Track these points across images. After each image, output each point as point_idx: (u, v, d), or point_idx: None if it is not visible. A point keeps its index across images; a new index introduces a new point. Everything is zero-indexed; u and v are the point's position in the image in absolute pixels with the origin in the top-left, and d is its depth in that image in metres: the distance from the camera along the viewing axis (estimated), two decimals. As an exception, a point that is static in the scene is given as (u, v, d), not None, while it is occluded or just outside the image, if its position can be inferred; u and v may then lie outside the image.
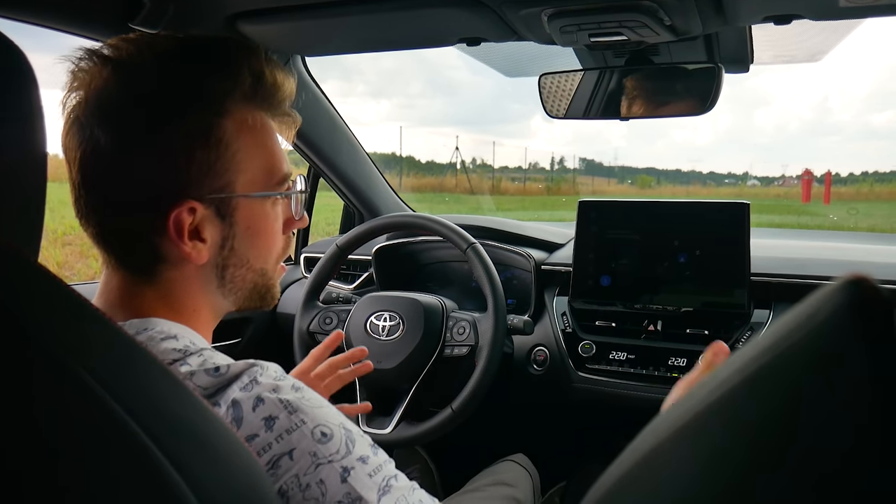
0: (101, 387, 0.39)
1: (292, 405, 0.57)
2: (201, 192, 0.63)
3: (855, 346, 0.25)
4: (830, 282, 0.27)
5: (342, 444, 0.58)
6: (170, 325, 0.63)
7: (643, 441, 0.33)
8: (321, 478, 0.55)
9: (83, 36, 1.11)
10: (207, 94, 0.63)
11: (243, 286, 0.70)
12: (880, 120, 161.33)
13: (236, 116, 0.65)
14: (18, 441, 0.36)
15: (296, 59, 1.52)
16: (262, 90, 0.67)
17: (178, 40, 0.65)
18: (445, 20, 1.13)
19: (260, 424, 0.56)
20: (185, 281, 0.66)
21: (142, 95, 0.61)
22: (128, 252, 0.64)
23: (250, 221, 0.67)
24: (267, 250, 0.70)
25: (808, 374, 0.26)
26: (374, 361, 1.33)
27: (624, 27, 1.03)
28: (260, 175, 0.67)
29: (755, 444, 0.27)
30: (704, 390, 0.31)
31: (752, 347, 0.30)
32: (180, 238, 0.63)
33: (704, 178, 29.81)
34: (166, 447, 0.40)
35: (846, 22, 1.07)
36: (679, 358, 1.35)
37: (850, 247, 1.64)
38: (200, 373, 0.58)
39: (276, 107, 0.70)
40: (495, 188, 18.32)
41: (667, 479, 0.30)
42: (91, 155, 0.61)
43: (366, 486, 0.57)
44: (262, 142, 0.68)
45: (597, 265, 1.47)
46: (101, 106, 0.61)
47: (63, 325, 0.41)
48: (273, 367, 0.62)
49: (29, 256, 0.42)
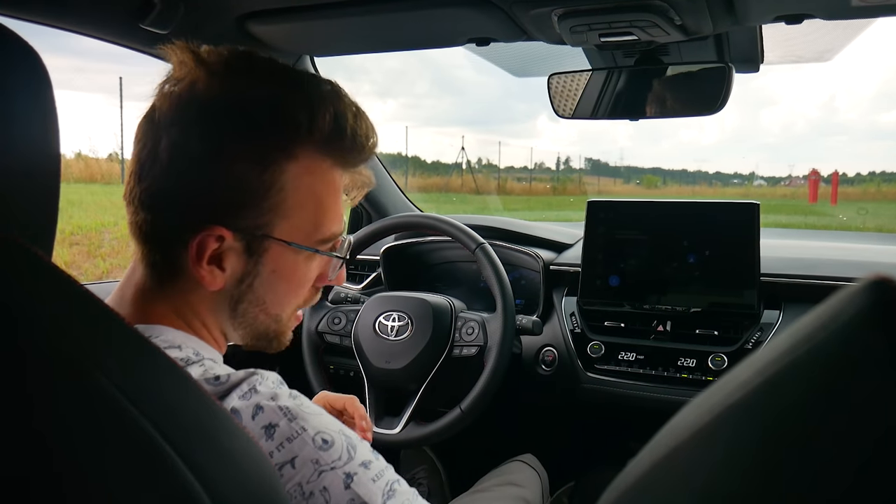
0: (115, 386, 0.39)
1: (291, 412, 0.57)
2: (236, 223, 0.61)
3: (879, 347, 0.25)
4: (843, 282, 0.27)
5: (343, 450, 0.57)
6: (176, 333, 0.62)
7: (662, 441, 0.33)
8: (325, 485, 0.55)
9: (94, 36, 1.11)
10: (282, 128, 0.60)
11: (254, 325, 0.67)
12: (888, 119, 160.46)
13: (302, 161, 0.62)
14: (30, 440, 0.36)
15: (304, 60, 1.52)
16: (341, 142, 0.63)
17: (270, 63, 0.63)
18: (455, 20, 1.13)
19: (260, 433, 0.55)
20: (198, 300, 0.64)
21: (219, 107, 0.60)
22: (154, 252, 0.63)
23: (278, 266, 0.64)
24: (287, 298, 0.67)
25: (830, 376, 0.26)
26: (382, 362, 1.33)
27: (634, 27, 1.03)
28: (305, 226, 0.64)
29: (777, 447, 0.27)
30: (724, 391, 0.30)
31: (773, 349, 0.29)
32: (198, 261, 0.61)
33: (710, 178, 29.72)
34: (180, 447, 0.40)
35: (857, 21, 1.06)
36: (688, 358, 1.35)
37: (859, 247, 1.63)
38: (201, 382, 0.57)
39: (352, 163, 0.67)
40: (501, 188, 18.31)
41: (686, 480, 0.30)
42: (149, 149, 0.60)
43: (370, 491, 0.57)
44: (320, 195, 0.64)
45: (606, 265, 1.47)
46: (180, 106, 0.59)
47: (76, 324, 0.41)
48: (272, 375, 0.61)
49: (43, 255, 0.42)
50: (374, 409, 1.35)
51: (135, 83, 12.72)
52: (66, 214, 6.36)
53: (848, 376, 0.26)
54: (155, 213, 0.61)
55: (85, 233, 6.39)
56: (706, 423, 0.30)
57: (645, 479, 0.33)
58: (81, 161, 9.21)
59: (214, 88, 0.59)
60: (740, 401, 0.29)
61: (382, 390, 1.37)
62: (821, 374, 0.26)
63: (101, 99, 28.78)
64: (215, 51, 0.62)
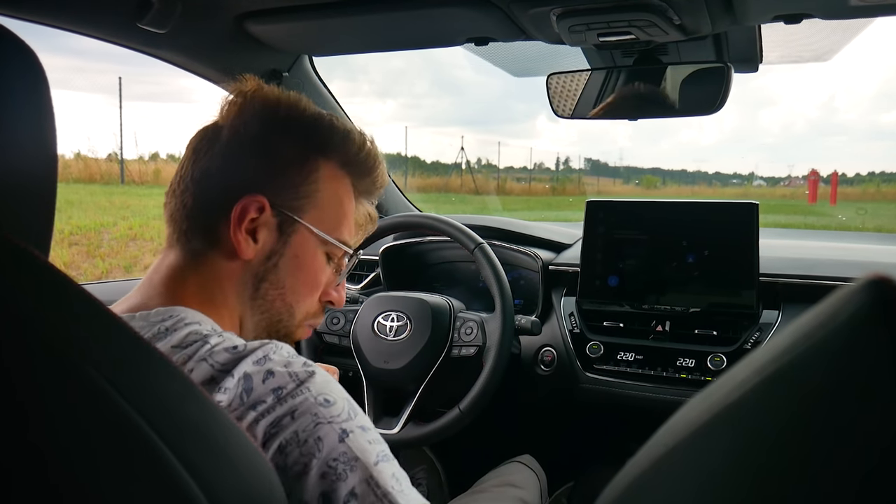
0: (110, 385, 0.39)
1: (300, 377, 0.59)
2: (276, 199, 0.70)
3: (877, 346, 0.25)
4: (842, 282, 0.26)
5: (344, 410, 0.59)
6: (196, 314, 0.66)
7: (660, 441, 0.33)
8: (319, 435, 0.56)
9: (91, 36, 1.11)
10: (324, 135, 0.73)
11: (270, 311, 0.73)
12: (887, 120, 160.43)
13: (331, 166, 0.74)
14: (25, 438, 0.36)
15: (303, 59, 1.52)
16: (357, 161, 0.76)
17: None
18: (453, 20, 1.13)
19: (268, 392, 0.57)
20: (226, 276, 0.70)
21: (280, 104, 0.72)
22: (192, 228, 0.70)
23: (300, 251, 0.72)
24: (302, 289, 0.74)
25: (828, 376, 0.26)
26: (381, 362, 1.33)
27: (633, 26, 1.03)
28: (329, 220, 0.74)
29: (774, 446, 0.27)
30: (723, 391, 0.30)
31: (771, 348, 0.29)
32: (238, 225, 0.68)
33: (710, 178, 29.67)
34: (174, 443, 0.40)
35: (856, 21, 1.06)
36: (687, 359, 1.35)
37: (859, 247, 1.63)
38: (220, 350, 0.60)
39: (362, 189, 0.79)
40: (500, 188, 18.29)
41: (684, 480, 0.30)
42: (209, 137, 0.71)
43: (364, 450, 0.57)
44: (342, 199, 0.76)
45: (605, 265, 1.47)
46: (244, 105, 0.71)
47: (72, 323, 0.41)
48: (286, 346, 0.64)
49: (39, 255, 0.42)
50: (372, 408, 1.35)
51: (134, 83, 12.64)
52: (65, 214, 6.36)
53: (848, 374, 0.26)
54: (204, 187, 0.70)
55: (84, 233, 6.39)
56: (705, 422, 0.30)
57: (643, 478, 0.33)
58: (80, 161, 9.20)
59: (274, 95, 0.73)
60: (739, 400, 0.29)
61: (381, 390, 1.37)
62: (819, 374, 0.26)
63: (100, 99, 28.77)
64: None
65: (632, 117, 1.29)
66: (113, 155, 9.70)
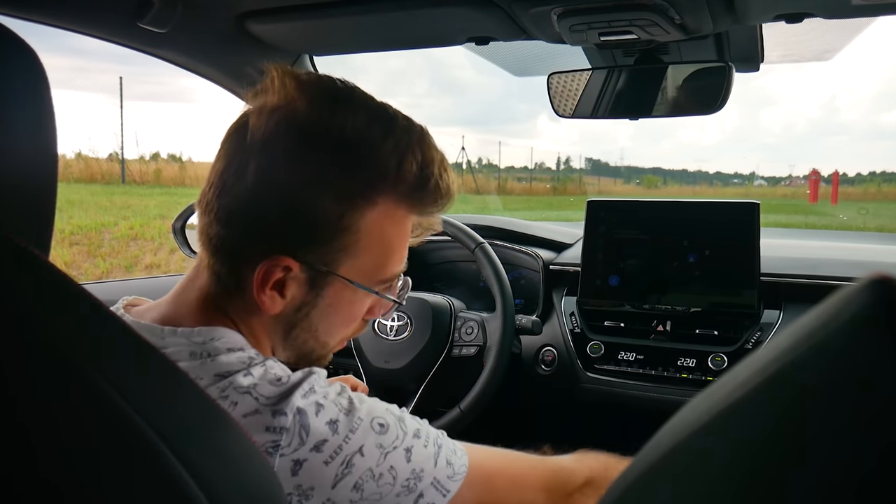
0: (111, 386, 0.39)
1: (345, 407, 0.61)
2: (305, 256, 0.62)
3: (879, 346, 0.25)
4: (844, 282, 0.26)
5: (398, 428, 0.63)
6: (238, 337, 0.64)
7: (661, 441, 0.33)
8: (391, 464, 0.61)
9: (92, 35, 1.11)
10: (371, 174, 0.61)
11: (302, 348, 0.69)
12: (888, 119, 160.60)
13: (381, 208, 0.63)
14: (26, 440, 0.36)
15: (304, 59, 1.52)
16: (423, 192, 0.65)
17: (369, 99, 0.64)
18: (454, 19, 1.13)
19: (326, 430, 0.59)
20: (256, 320, 0.67)
21: (318, 141, 0.60)
22: (221, 265, 0.64)
23: (335, 300, 0.66)
24: (339, 329, 0.70)
25: (830, 376, 0.26)
26: (381, 361, 1.33)
27: (634, 26, 1.03)
28: (369, 267, 0.66)
29: (775, 446, 0.27)
30: (724, 390, 0.30)
31: (773, 348, 0.29)
32: (262, 287, 0.62)
33: (711, 178, 29.69)
34: (175, 445, 0.40)
35: (857, 20, 1.06)
36: (688, 358, 1.35)
37: (860, 247, 1.63)
38: (264, 383, 0.59)
39: (429, 212, 0.68)
40: (501, 188, 18.30)
41: (685, 480, 0.30)
42: (235, 168, 0.61)
43: (426, 459, 0.63)
44: (391, 239, 0.66)
45: (605, 265, 1.47)
46: (278, 132, 0.60)
47: (74, 323, 0.41)
48: (322, 372, 0.64)
49: (40, 255, 0.42)
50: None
51: (135, 83, 12.63)
52: (66, 214, 6.36)
53: (849, 375, 0.25)
54: (229, 230, 0.62)
55: (85, 232, 6.40)
56: (706, 422, 0.30)
57: (644, 478, 0.33)
58: (81, 161, 9.21)
59: (314, 120, 0.60)
60: (740, 400, 0.29)
61: (381, 390, 1.37)
62: (822, 373, 0.26)
63: (101, 99, 28.80)
64: (318, 79, 0.62)
65: (632, 117, 1.29)
66: (114, 155, 9.72)
